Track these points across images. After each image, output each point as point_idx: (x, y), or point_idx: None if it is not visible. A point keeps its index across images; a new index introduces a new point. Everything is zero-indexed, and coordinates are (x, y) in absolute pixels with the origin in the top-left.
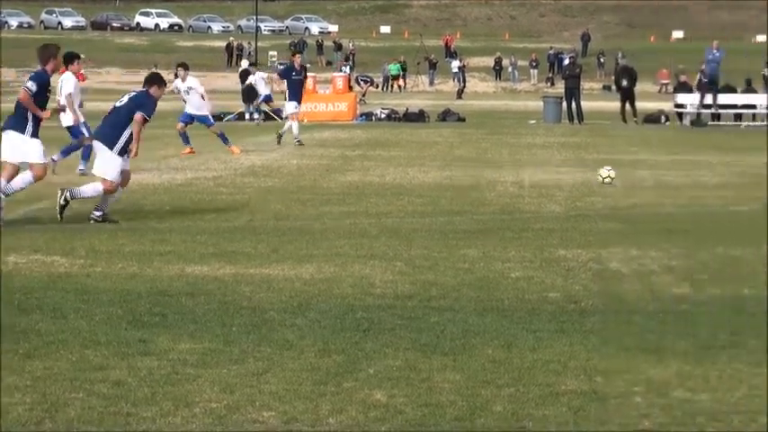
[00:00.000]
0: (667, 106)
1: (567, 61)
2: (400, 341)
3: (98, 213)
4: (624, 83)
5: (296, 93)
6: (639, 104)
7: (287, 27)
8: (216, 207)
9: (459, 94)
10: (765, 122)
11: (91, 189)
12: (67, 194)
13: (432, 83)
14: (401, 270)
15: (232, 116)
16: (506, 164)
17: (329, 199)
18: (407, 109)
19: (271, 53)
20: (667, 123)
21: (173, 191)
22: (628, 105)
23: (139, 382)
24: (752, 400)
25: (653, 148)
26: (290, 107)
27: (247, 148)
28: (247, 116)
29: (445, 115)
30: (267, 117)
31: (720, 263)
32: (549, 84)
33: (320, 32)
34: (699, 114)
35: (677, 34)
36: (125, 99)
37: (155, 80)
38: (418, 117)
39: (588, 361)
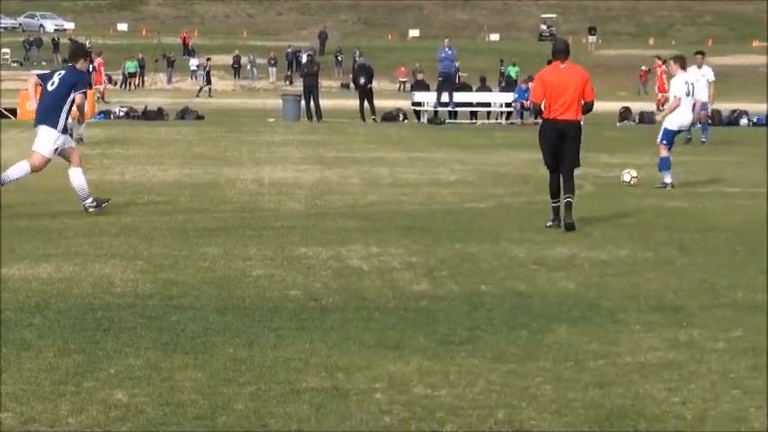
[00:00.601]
0: (405, 104)
1: (305, 59)
2: (141, 340)
3: (90, 201)
4: (362, 81)
5: None
6: (378, 102)
7: (20, 24)
8: None
9: (207, 92)
10: (500, 120)
11: (18, 171)
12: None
13: (170, 81)
14: (142, 269)
15: None
16: (246, 162)
17: (67, 198)
18: (146, 107)
19: (4, 50)
20: (405, 121)
21: None
22: (366, 103)
23: None
24: (489, 395)
25: (391, 145)
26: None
27: None
28: None
29: (184, 113)
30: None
31: (458, 259)
32: (287, 82)
33: (56, 30)
34: (436, 112)
35: (413, 33)
36: (56, 81)
37: (80, 53)
38: (157, 115)
39: (329, 358)
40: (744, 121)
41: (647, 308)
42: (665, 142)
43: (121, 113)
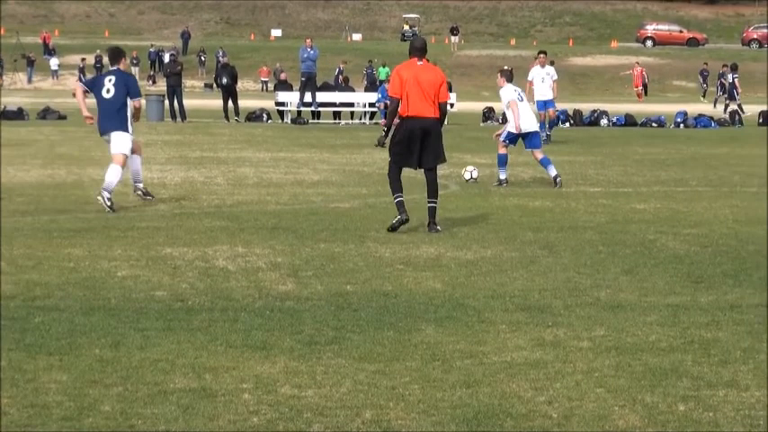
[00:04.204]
0: (269, 104)
1: (167, 59)
2: (3, 342)
3: (108, 195)
4: (225, 81)
5: None
6: (241, 102)
7: None
8: None
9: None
10: (364, 120)
11: (115, 174)
12: (105, 194)
13: (30, 80)
14: (3, 270)
15: None
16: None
17: None
18: (5, 107)
19: None
20: (269, 121)
21: None
22: (230, 103)
23: None
24: (356, 395)
25: (256, 145)
26: None
27: None
28: None
29: (45, 113)
30: None
31: (324, 259)
32: (150, 82)
33: None
34: (299, 112)
35: (276, 32)
36: (111, 89)
37: (120, 55)
38: (17, 115)
39: (196, 359)
40: (604, 121)
41: (513, 307)
42: (506, 142)
43: None
